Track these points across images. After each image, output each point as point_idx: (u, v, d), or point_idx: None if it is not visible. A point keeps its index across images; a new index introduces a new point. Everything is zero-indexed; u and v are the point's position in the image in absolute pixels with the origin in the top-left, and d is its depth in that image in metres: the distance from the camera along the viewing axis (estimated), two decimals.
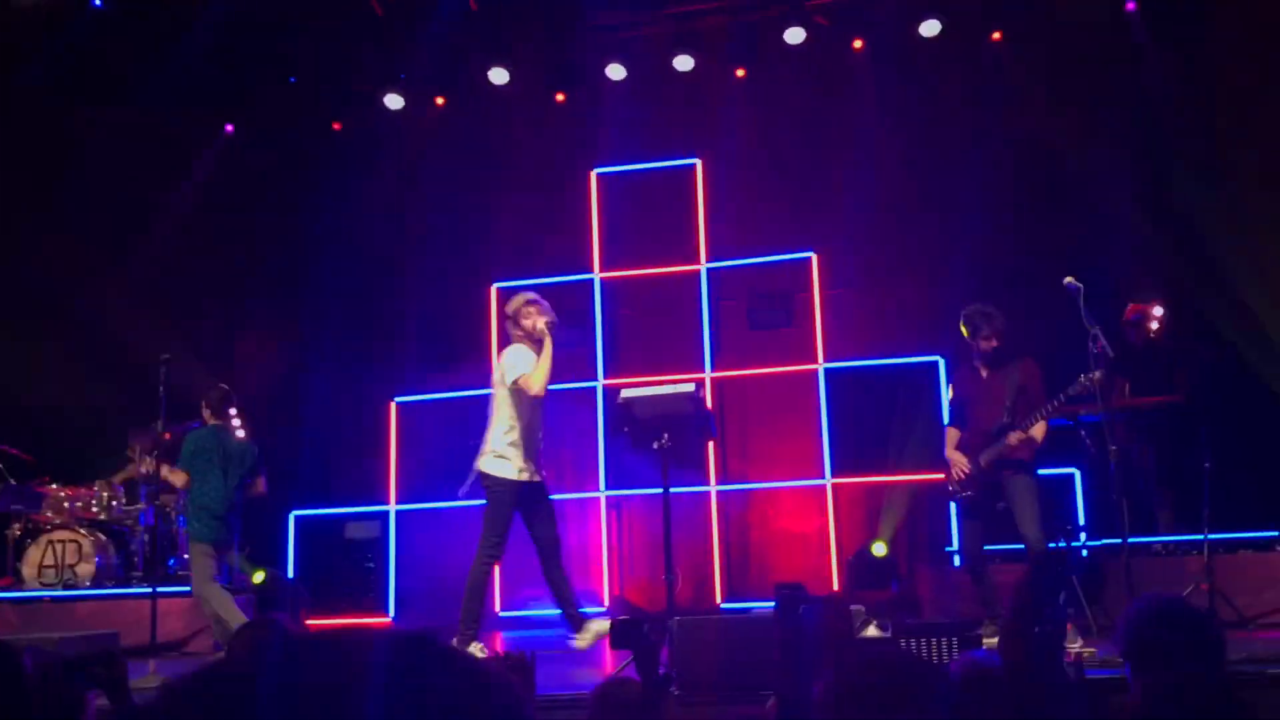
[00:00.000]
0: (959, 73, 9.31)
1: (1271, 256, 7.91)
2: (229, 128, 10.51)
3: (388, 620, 9.22)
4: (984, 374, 6.48)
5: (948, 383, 6.85)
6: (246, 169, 10.30)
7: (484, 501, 6.40)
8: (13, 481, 8.56)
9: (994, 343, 6.34)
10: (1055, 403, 6.06)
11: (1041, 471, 6.59)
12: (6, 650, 2.56)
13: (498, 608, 9.35)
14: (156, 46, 9.21)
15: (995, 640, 5.91)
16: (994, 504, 6.41)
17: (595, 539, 9.48)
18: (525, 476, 6.14)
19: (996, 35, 9.23)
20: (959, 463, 6.45)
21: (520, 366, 6.04)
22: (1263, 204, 8.07)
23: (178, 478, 6.93)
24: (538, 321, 6.13)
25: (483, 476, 6.17)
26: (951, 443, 6.60)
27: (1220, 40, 8.35)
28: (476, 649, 5.94)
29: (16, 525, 8.56)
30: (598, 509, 9.50)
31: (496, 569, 6.64)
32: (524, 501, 6.17)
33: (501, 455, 6.11)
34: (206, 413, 7.09)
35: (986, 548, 6.58)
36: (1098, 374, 5.68)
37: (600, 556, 9.40)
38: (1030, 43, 9.07)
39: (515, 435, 6.11)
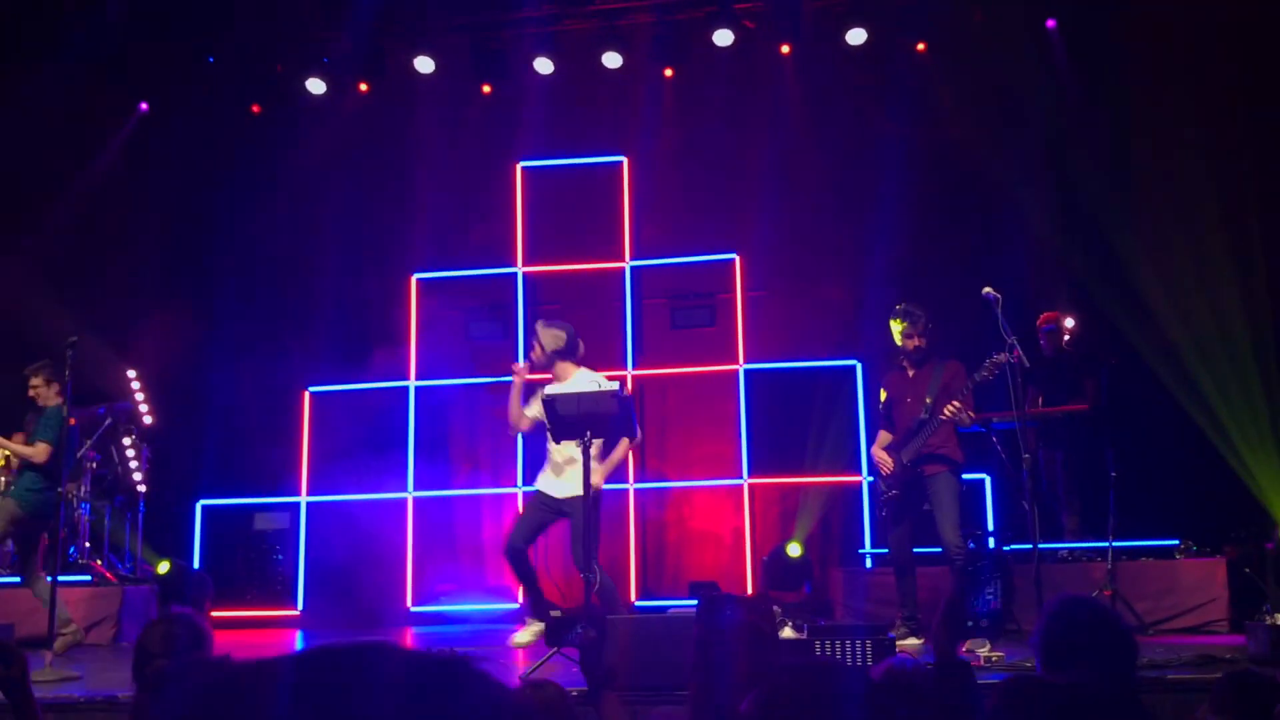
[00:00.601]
0: (883, 80, 9.44)
1: (1177, 266, 8.17)
2: (143, 106, 10.21)
3: (295, 612, 9.06)
4: (910, 374, 6.60)
5: (879, 386, 6.95)
6: (160, 149, 10.01)
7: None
8: None
9: (917, 341, 6.47)
10: (968, 386, 6.20)
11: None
12: None
13: (409, 603, 9.25)
14: (72, 15, 8.91)
15: (909, 641, 6.05)
16: (920, 504, 6.51)
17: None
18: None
19: (921, 46, 9.37)
20: (884, 461, 6.56)
21: None
22: (1169, 214, 8.34)
23: (40, 451, 6.74)
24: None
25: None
26: (880, 444, 6.72)
27: (1131, 56, 8.60)
28: None
29: None
30: (514, 504, 9.44)
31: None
32: None
33: None
34: (54, 388, 6.87)
35: (915, 550, 6.69)
36: (1003, 355, 5.80)
37: None
38: (952, 54, 9.24)
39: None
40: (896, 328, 6.60)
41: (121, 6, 8.83)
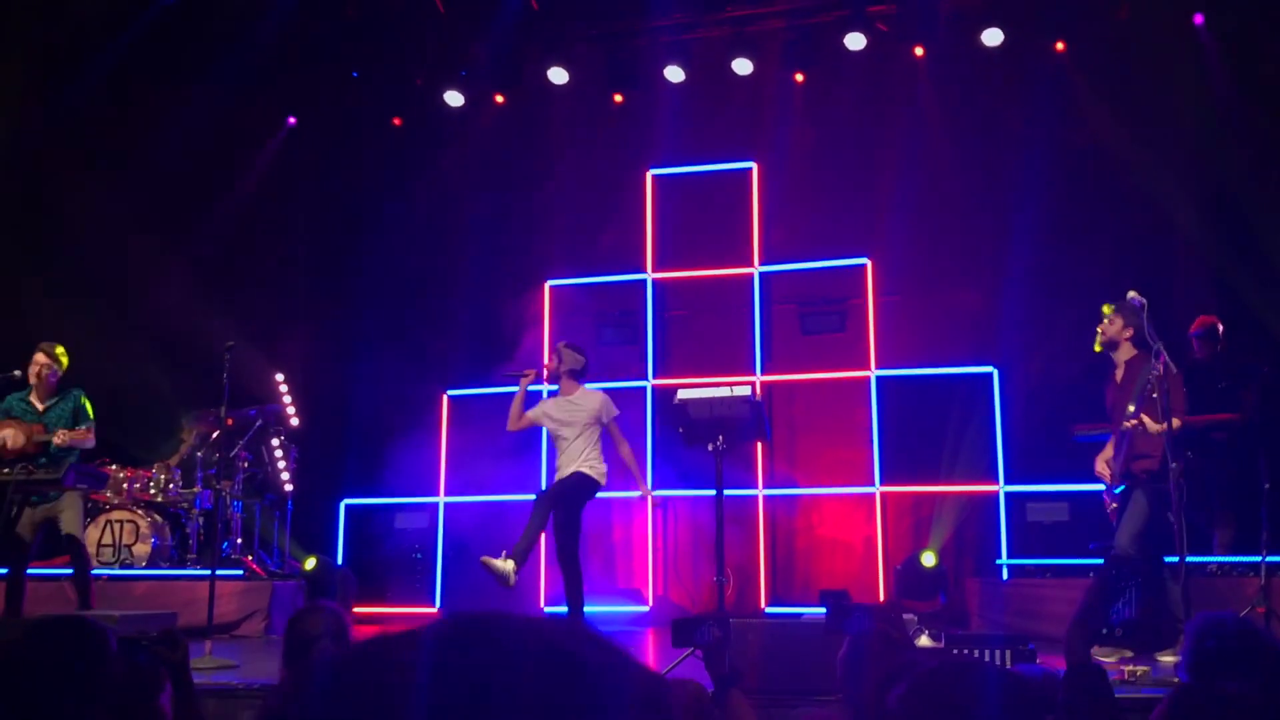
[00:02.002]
0: (1020, 81, 9.24)
1: None
2: (291, 120, 10.65)
3: (434, 610, 9.31)
4: (1118, 377, 6.33)
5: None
6: (307, 161, 10.43)
7: (532, 498, 6.95)
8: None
9: (1112, 338, 6.19)
10: (1140, 397, 5.89)
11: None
12: (93, 628, 2.63)
13: (542, 604, 9.41)
14: (225, 37, 9.35)
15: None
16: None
17: (640, 538, 9.51)
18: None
19: (1060, 45, 9.15)
20: (1102, 473, 6.32)
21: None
22: None
23: (91, 436, 6.86)
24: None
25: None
26: (1103, 455, 6.42)
27: None
28: None
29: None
30: (644, 508, 9.53)
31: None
32: None
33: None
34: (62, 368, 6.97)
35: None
36: (1158, 365, 5.55)
37: (645, 556, 9.42)
38: (1094, 53, 9.00)
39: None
40: (1101, 328, 6.28)
41: (271, 26, 9.23)
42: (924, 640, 5.49)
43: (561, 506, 6.68)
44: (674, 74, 9.72)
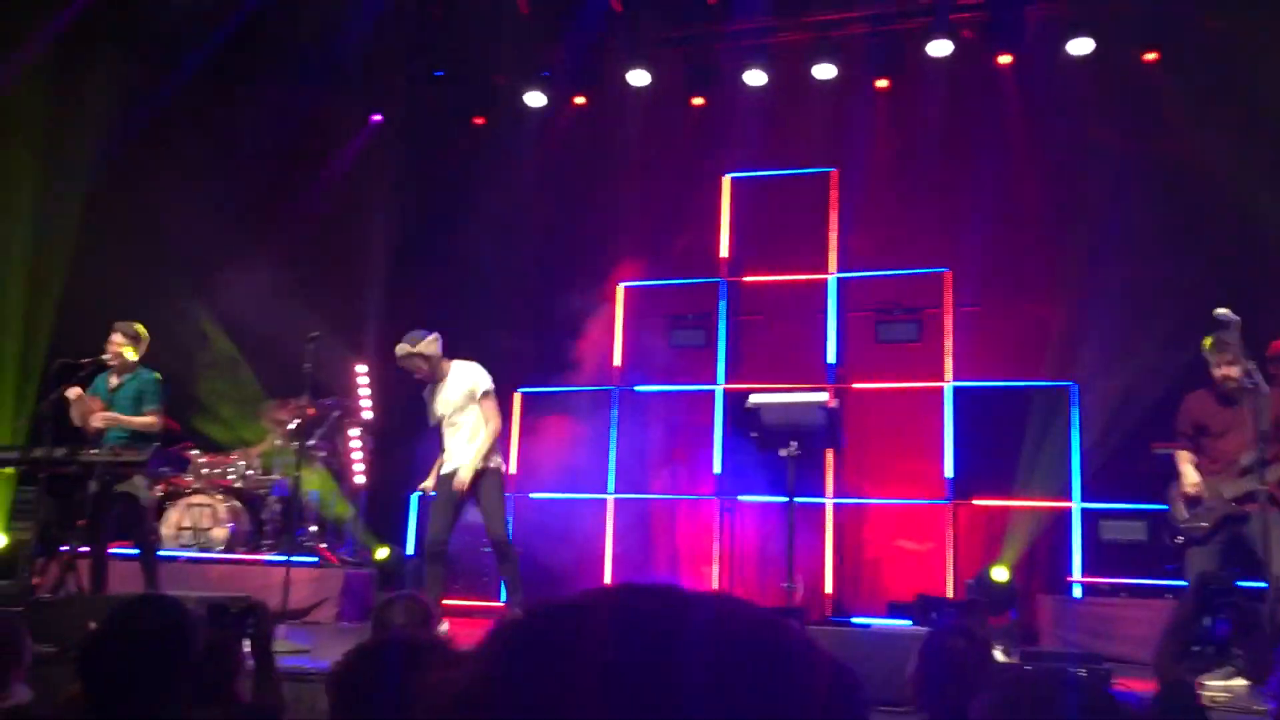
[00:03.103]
0: (1109, 91, 9.09)
1: None
2: (376, 117, 10.81)
3: (499, 605, 9.39)
4: (1225, 399, 6.13)
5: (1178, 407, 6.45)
6: (389, 158, 10.58)
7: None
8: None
9: (1227, 371, 5.96)
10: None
11: None
12: (180, 608, 2.71)
13: None
14: (313, 35, 9.54)
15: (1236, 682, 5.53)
16: (1237, 542, 6.01)
17: (706, 542, 9.51)
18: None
19: (1151, 55, 8.97)
20: (1197, 486, 6.11)
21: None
22: None
23: (155, 422, 6.93)
24: None
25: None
26: (1190, 469, 6.24)
27: None
28: None
29: (159, 488, 8.95)
30: (711, 512, 9.53)
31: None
32: None
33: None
34: (138, 350, 7.03)
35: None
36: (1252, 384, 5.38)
37: (710, 560, 9.42)
38: (1187, 62, 8.80)
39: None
40: (1209, 353, 6.04)
41: (358, 25, 9.39)
42: (997, 654, 5.41)
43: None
44: (754, 78, 9.70)
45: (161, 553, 7.98)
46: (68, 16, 8.93)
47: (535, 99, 10.20)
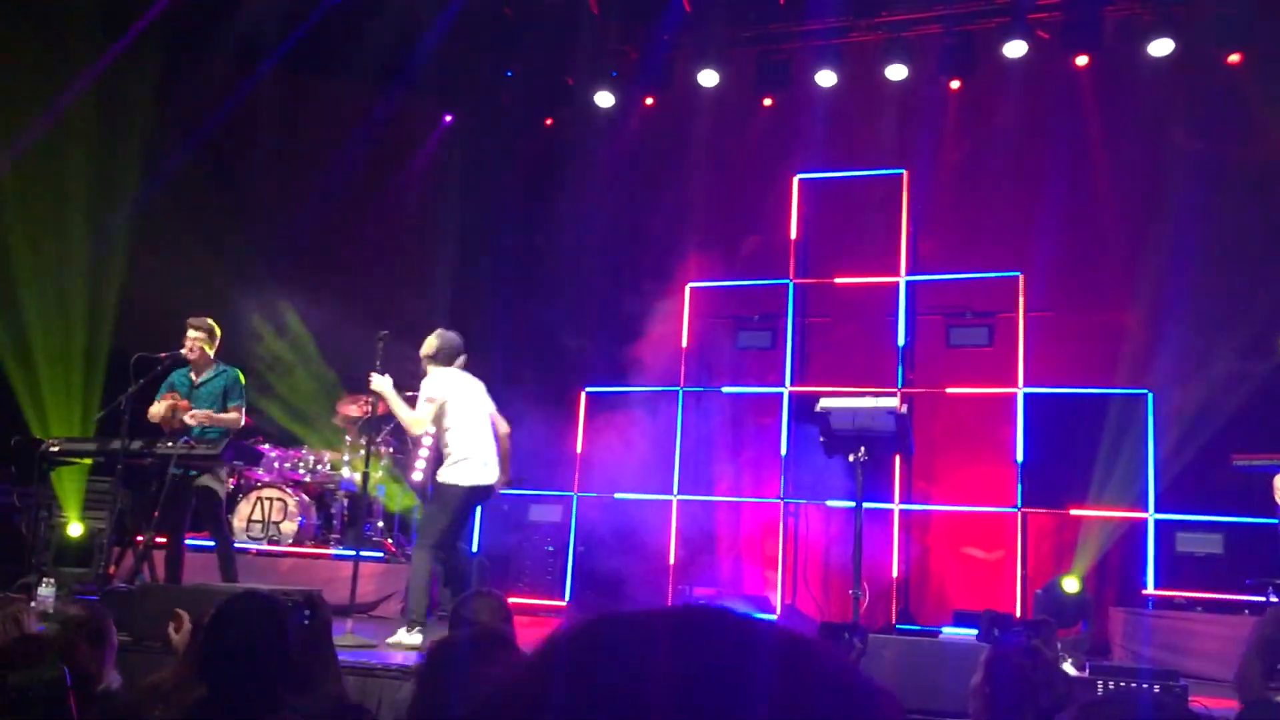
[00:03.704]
0: (1188, 94, 8.88)
1: None
2: (448, 118, 10.91)
3: (562, 604, 9.43)
4: None
5: None
6: (460, 157, 10.68)
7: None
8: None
9: None
10: None
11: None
12: (281, 606, 2.77)
13: (669, 604, 9.45)
14: (387, 33, 9.64)
15: None
16: None
17: (770, 545, 9.46)
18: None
19: (1234, 58, 8.75)
20: None
21: None
22: None
23: (239, 418, 7.07)
24: None
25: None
26: None
27: None
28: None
29: (231, 480, 9.13)
30: (775, 515, 9.48)
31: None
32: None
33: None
34: (214, 345, 7.14)
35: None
36: None
37: (775, 563, 9.37)
38: (1271, 66, 8.57)
39: None
40: None
41: (434, 26, 9.48)
42: (1067, 667, 5.31)
43: None
44: (825, 78, 9.63)
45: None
46: (152, 15, 9.12)
47: (605, 99, 10.23)
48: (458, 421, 6.70)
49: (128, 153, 9.31)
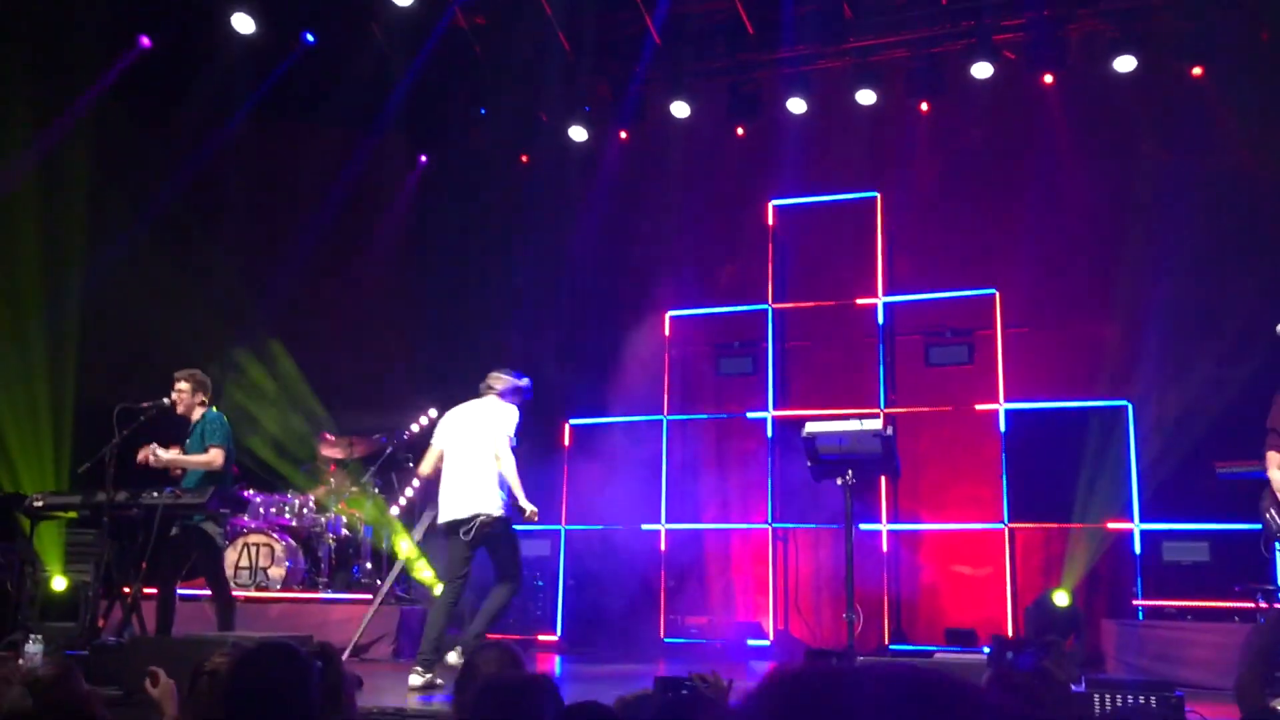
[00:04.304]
0: (1154, 108, 9.01)
1: None
2: (423, 158, 10.95)
3: (554, 638, 9.39)
4: None
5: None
6: (437, 197, 10.72)
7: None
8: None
9: None
10: None
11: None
12: (301, 654, 2.75)
13: (662, 634, 9.43)
14: (358, 75, 9.69)
15: None
16: None
17: (761, 571, 9.47)
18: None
19: (1197, 70, 8.89)
20: None
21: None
22: None
23: (216, 457, 6.84)
24: None
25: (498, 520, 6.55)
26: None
27: None
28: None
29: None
30: (764, 540, 9.49)
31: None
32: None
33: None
34: (199, 397, 7.00)
35: None
36: None
37: (766, 589, 9.37)
38: (1234, 77, 8.71)
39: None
40: None
41: (408, 71, 9.54)
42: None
43: None
44: (796, 105, 9.73)
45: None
46: (115, 73, 9.14)
47: (579, 133, 10.29)
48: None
49: (83, 209, 9.27)
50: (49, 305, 9.23)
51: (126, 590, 6.79)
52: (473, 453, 6.70)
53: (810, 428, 6.02)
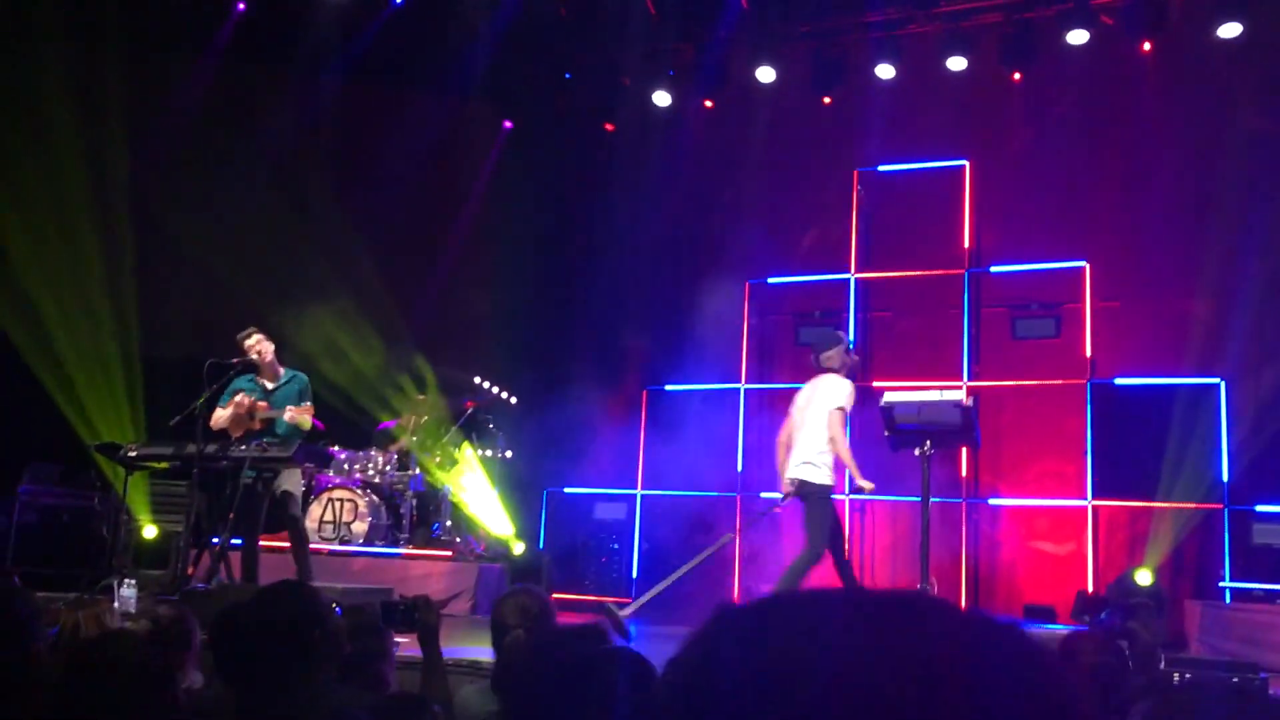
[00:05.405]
0: (1257, 77, 8.68)
1: None
2: (508, 124, 10.99)
3: (629, 600, 9.46)
4: None
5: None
6: (521, 163, 10.76)
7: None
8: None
9: None
10: None
11: None
12: (313, 593, 2.83)
13: (735, 600, 9.45)
14: (443, 39, 9.75)
15: None
16: None
17: (837, 543, 9.41)
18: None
19: None
20: None
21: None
22: None
23: (310, 416, 7.05)
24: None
25: (803, 484, 6.50)
26: None
27: None
28: None
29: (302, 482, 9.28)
30: (841, 510, 9.43)
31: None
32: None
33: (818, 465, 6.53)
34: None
35: None
36: None
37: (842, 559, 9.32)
38: None
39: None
40: None
41: (492, 34, 9.57)
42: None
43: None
44: (884, 71, 9.56)
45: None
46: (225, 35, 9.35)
47: (662, 98, 10.25)
48: None
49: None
50: (106, 257, 9.54)
51: (215, 540, 7.01)
52: (804, 424, 6.77)
53: (888, 397, 5.97)
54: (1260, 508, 7.84)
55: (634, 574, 9.55)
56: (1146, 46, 9.06)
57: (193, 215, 9.45)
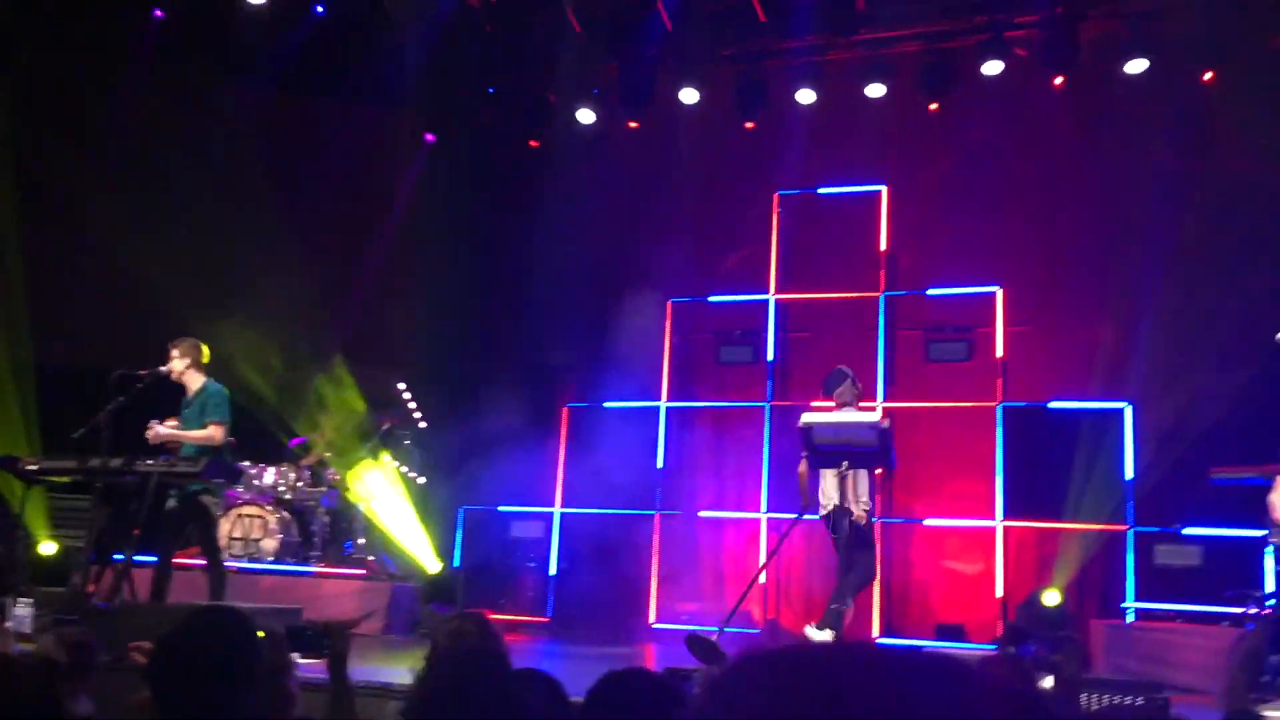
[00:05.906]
0: (1164, 111, 8.97)
1: None
2: (430, 137, 10.89)
3: (545, 620, 9.40)
4: None
5: None
6: (441, 177, 10.67)
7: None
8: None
9: None
10: None
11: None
12: (246, 619, 2.75)
13: (651, 620, 9.44)
14: (368, 51, 9.64)
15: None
16: None
17: (753, 560, 9.47)
18: None
19: (1208, 75, 8.85)
20: None
21: None
22: None
23: (217, 433, 6.79)
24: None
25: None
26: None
27: None
28: None
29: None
30: (757, 530, 9.50)
31: None
32: None
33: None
34: (192, 366, 6.91)
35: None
36: None
37: (757, 578, 9.36)
38: (1245, 84, 8.67)
39: None
40: None
41: (417, 47, 9.49)
42: (1047, 682, 5.33)
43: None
44: (805, 96, 9.68)
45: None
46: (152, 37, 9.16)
47: (586, 116, 10.24)
48: None
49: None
50: None
51: (118, 557, 6.78)
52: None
53: (806, 418, 6.02)
54: (1163, 530, 8.05)
55: (551, 592, 9.49)
56: (1058, 80, 9.30)
57: (106, 221, 9.18)
